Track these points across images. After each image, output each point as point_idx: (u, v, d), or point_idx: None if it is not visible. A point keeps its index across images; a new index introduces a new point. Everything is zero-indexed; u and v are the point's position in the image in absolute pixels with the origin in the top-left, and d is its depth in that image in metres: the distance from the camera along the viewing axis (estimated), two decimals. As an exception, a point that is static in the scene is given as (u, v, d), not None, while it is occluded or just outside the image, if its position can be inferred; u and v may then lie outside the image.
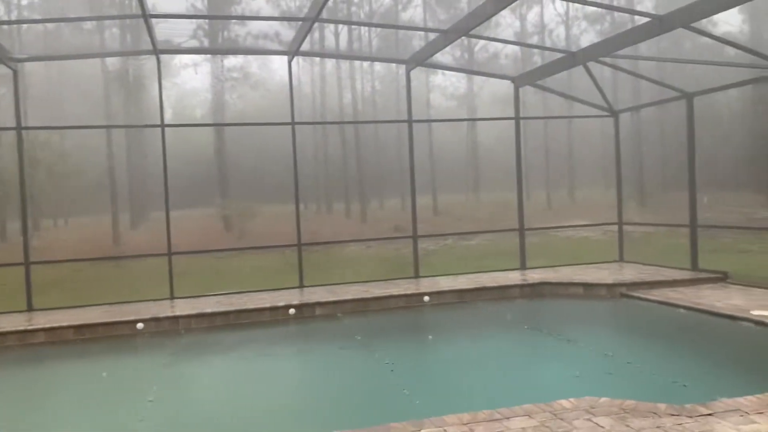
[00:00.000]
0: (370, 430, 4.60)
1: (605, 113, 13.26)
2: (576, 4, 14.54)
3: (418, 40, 12.73)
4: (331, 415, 5.79)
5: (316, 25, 11.24)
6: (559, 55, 11.79)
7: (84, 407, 6.59)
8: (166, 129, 11.31)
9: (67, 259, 11.85)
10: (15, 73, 10.48)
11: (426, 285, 11.19)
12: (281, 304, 9.82)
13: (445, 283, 11.20)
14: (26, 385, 7.49)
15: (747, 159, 12.38)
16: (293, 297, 10.43)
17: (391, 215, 15.36)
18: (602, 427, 4.51)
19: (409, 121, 12.35)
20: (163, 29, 11.40)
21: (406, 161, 12.40)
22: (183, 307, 9.94)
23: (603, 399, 5.06)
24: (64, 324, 9.03)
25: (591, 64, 11.52)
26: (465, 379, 6.84)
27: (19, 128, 10.47)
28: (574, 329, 8.89)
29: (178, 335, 9.09)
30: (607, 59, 11.25)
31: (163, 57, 11.58)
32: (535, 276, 11.62)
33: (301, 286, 11.50)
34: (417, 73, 13.54)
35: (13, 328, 8.88)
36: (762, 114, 11.69)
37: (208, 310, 9.57)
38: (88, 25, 13.37)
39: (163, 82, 11.33)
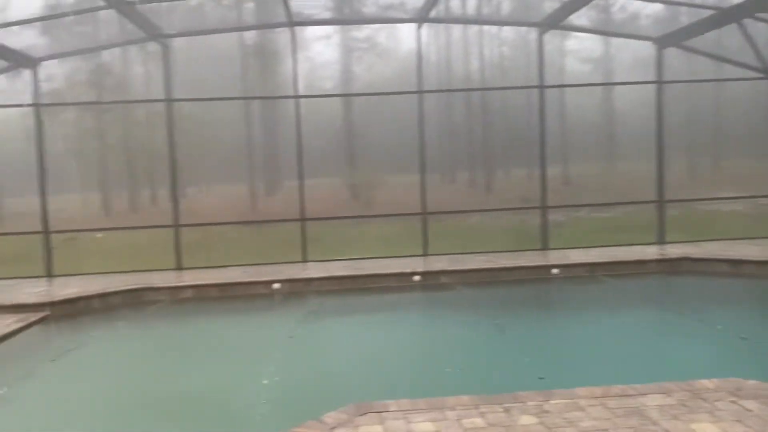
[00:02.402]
0: (496, 396, 4.60)
1: (761, 75, 12.01)
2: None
3: (550, 2, 12.19)
4: (451, 381, 5.84)
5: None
6: (707, 13, 10.81)
7: (226, 355, 7.12)
8: (300, 100, 11.75)
9: (210, 223, 12.74)
10: (164, 48, 11.30)
11: (555, 257, 10.88)
12: (407, 270, 9.98)
13: (576, 256, 10.83)
14: (179, 334, 8.26)
15: None
16: (418, 264, 10.56)
17: (518, 185, 15.01)
18: (749, 410, 4.20)
19: (541, 87, 11.92)
20: (297, 2, 11.73)
21: (535, 129, 12.02)
22: (315, 270, 10.41)
23: (751, 382, 4.70)
24: (209, 282, 9.78)
25: (746, 22, 10.46)
26: (595, 354, 6.62)
27: (168, 100, 11.32)
28: (715, 309, 8.31)
29: (311, 296, 9.53)
30: (766, 15, 10.17)
31: (297, 29, 11.97)
32: (674, 251, 10.92)
33: (425, 254, 11.60)
34: (548, 37, 12.99)
35: (166, 284, 9.75)
36: None
37: (339, 274, 9.94)
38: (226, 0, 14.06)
39: (297, 55, 11.74)
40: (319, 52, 22.04)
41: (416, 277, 9.82)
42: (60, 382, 6.41)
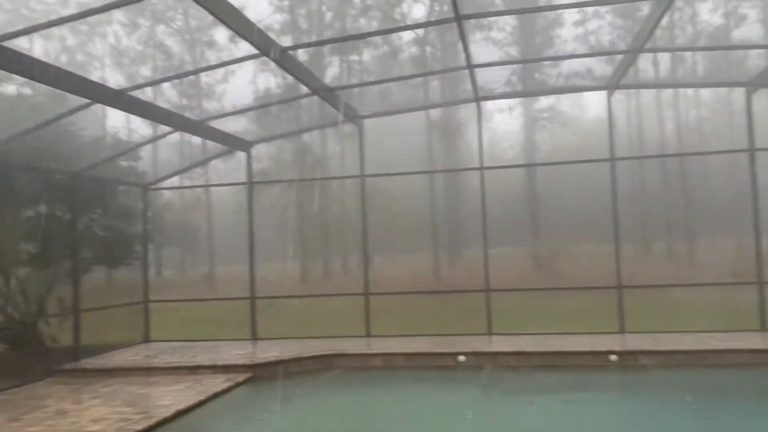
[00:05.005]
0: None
1: None
2: None
3: (755, 59, 11.25)
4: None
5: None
6: None
7: (407, 425, 7.10)
8: (484, 171, 11.84)
9: (399, 292, 13.08)
10: (360, 128, 12.12)
11: (777, 340, 9.56)
12: (601, 349, 9.33)
13: (804, 340, 9.42)
14: (370, 401, 8.45)
15: None
16: (613, 343, 9.83)
17: (726, 257, 13.59)
18: None
19: (751, 150, 10.85)
20: (482, 76, 12.02)
21: (746, 196, 10.89)
22: (500, 344, 10.13)
23: None
24: (397, 351, 9.93)
25: None
26: None
27: (362, 176, 12.03)
28: None
29: (497, 370, 9.25)
30: None
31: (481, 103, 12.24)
32: None
33: (622, 331, 10.79)
34: (757, 97, 11.92)
35: (356, 351, 10.07)
36: None
37: (527, 349, 9.57)
38: (414, 81, 14.84)
39: (481, 128, 11.97)
40: (498, 125, 22.15)
41: (613, 357, 9.12)
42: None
